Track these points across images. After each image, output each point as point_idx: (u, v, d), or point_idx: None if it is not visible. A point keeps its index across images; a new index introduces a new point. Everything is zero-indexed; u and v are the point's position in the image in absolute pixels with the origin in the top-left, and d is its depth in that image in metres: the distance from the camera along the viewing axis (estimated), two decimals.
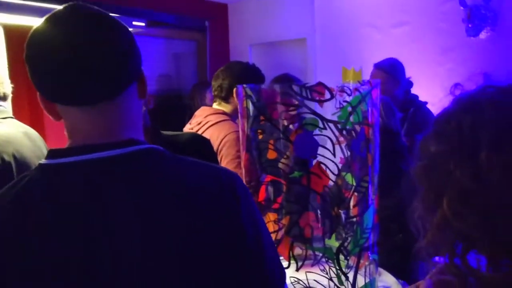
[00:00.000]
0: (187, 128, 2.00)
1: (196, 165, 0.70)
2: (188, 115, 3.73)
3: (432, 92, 2.51)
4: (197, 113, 2.01)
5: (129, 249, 0.60)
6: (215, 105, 1.99)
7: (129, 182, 0.63)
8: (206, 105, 3.84)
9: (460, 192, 0.57)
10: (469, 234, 0.58)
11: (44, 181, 0.62)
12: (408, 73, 2.42)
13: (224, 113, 1.92)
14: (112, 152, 0.63)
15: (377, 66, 2.33)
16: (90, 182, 0.62)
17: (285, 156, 1.18)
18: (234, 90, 1.88)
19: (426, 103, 2.28)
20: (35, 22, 0.65)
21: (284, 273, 0.75)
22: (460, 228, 0.58)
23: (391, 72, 2.26)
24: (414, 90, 2.44)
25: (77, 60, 0.61)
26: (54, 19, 0.63)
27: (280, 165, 1.22)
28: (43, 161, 0.64)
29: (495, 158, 0.54)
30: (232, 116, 1.92)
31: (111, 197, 0.61)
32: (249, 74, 1.91)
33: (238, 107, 1.32)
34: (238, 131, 1.80)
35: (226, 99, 1.93)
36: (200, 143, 1.40)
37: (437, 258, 0.67)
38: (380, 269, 1.37)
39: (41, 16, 0.66)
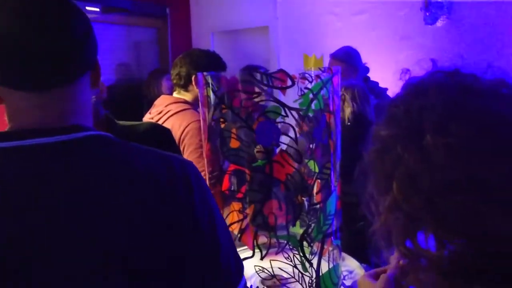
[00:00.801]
0: (146, 118, 1.94)
1: (147, 152, 0.67)
2: (146, 105, 3.65)
3: (391, 78, 2.57)
4: (156, 102, 1.95)
5: (70, 237, 0.58)
6: (175, 94, 1.94)
7: (73, 169, 0.60)
8: (163, 93, 3.78)
9: (408, 175, 0.58)
10: (417, 216, 0.59)
11: None
12: (368, 60, 2.45)
13: (185, 102, 1.88)
14: (58, 137, 0.61)
15: (333, 56, 2.34)
16: (33, 167, 0.59)
17: (247, 145, 1.17)
18: (193, 78, 1.84)
19: (386, 89, 2.32)
20: None
21: (242, 266, 0.73)
22: (409, 210, 0.59)
23: (348, 60, 2.28)
24: (373, 77, 2.48)
25: (28, 44, 0.58)
26: (4, 2, 0.60)
27: (243, 154, 1.20)
28: None
29: (439, 141, 0.55)
30: (193, 105, 1.87)
31: (54, 184, 0.59)
32: (208, 61, 1.87)
33: (199, 95, 1.29)
34: (200, 120, 1.77)
35: (185, 87, 1.89)
36: (159, 133, 1.35)
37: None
38: (344, 254, 1.39)
39: None
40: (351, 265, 1.39)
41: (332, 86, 1.14)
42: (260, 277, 1.19)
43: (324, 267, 1.17)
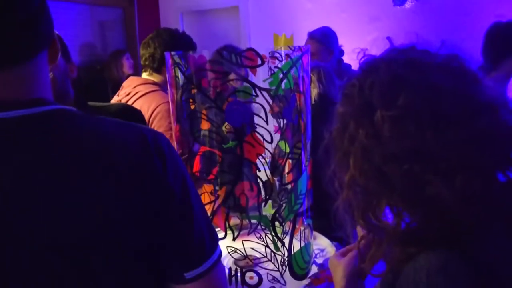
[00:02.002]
0: (114, 100, 1.88)
1: (117, 124, 0.65)
2: (112, 87, 3.55)
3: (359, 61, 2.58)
4: (125, 83, 1.89)
5: (37, 216, 0.56)
6: (144, 75, 1.88)
7: (37, 144, 0.58)
8: (125, 73, 3.68)
9: (362, 150, 0.63)
10: (372, 189, 0.64)
11: None
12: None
13: (154, 83, 1.83)
14: (18, 112, 0.58)
15: (310, 35, 2.33)
16: None
17: (215, 125, 1.15)
18: None
19: None
20: None
21: (216, 236, 0.73)
22: (365, 183, 0.64)
23: (324, 41, 2.27)
24: (344, 59, 2.49)
25: None
26: None
27: (213, 135, 1.19)
28: None
29: (386, 113, 0.59)
30: (162, 87, 1.83)
31: (17, 161, 0.56)
32: (181, 42, 1.82)
33: (167, 76, 1.25)
34: (169, 101, 1.73)
35: (158, 69, 1.83)
36: (131, 115, 1.31)
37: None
38: (315, 233, 1.41)
39: None
40: (322, 244, 1.41)
41: (302, 65, 1.14)
42: (233, 257, 1.19)
43: (296, 246, 1.18)
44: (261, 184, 1.16)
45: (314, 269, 1.26)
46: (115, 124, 0.65)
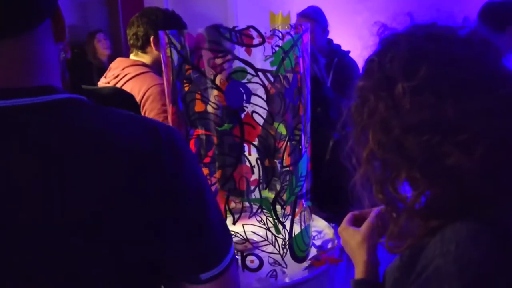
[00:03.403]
0: (102, 83, 1.82)
1: (128, 117, 0.60)
2: (96, 70, 3.44)
3: (349, 41, 2.56)
4: (112, 65, 1.83)
5: (41, 211, 0.52)
6: (132, 56, 1.82)
7: (44, 137, 0.52)
8: (102, 55, 3.57)
9: (381, 123, 0.63)
10: (391, 162, 0.64)
11: None
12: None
13: (143, 64, 1.77)
14: (23, 100, 0.52)
15: (302, 14, 2.29)
16: None
17: (215, 107, 1.11)
18: (152, 38, 1.73)
19: (349, 52, 2.31)
20: None
21: (230, 235, 0.70)
22: (383, 156, 0.64)
23: (317, 18, 2.23)
24: (333, 39, 2.46)
25: None
26: None
27: (210, 116, 1.15)
28: None
29: (406, 86, 0.60)
30: (152, 68, 1.77)
31: (22, 154, 0.51)
32: (167, 20, 1.76)
33: (161, 56, 1.21)
34: (161, 83, 1.68)
35: (143, 48, 1.77)
36: (123, 98, 1.26)
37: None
38: (312, 215, 1.40)
39: None
40: (319, 226, 1.41)
41: (302, 44, 1.10)
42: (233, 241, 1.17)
43: (296, 229, 1.17)
44: (261, 167, 1.14)
45: (313, 251, 1.25)
46: (125, 119, 0.60)
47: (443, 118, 0.57)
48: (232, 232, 1.14)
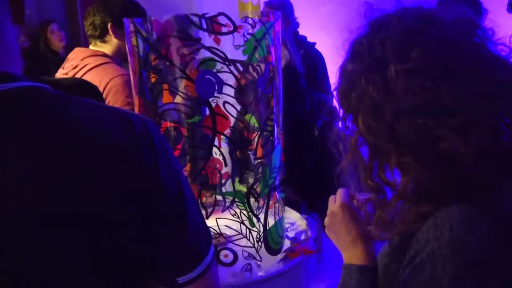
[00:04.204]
0: (59, 74, 1.72)
1: (100, 108, 0.55)
2: (52, 62, 3.26)
3: (314, 32, 2.56)
4: (70, 55, 1.73)
5: (12, 203, 0.47)
6: (91, 47, 1.74)
7: (4, 128, 0.47)
8: (54, 47, 3.40)
9: (372, 107, 0.61)
10: (381, 147, 0.62)
11: None
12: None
13: (104, 54, 1.68)
14: None
15: (267, 4, 2.28)
16: None
17: (185, 97, 1.07)
18: (109, 26, 1.65)
19: (314, 43, 2.31)
20: None
21: (210, 236, 0.66)
22: (374, 142, 0.63)
23: (282, 10, 2.22)
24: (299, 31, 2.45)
25: None
26: None
27: (179, 108, 1.11)
28: None
29: (399, 68, 0.58)
30: (113, 59, 1.69)
31: None
32: (125, 7, 1.68)
33: (125, 45, 1.14)
34: (124, 74, 1.61)
35: (101, 37, 1.69)
36: (86, 90, 1.18)
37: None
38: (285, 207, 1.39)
39: None
40: (292, 217, 1.40)
41: (274, 33, 1.08)
42: None
43: (269, 221, 1.15)
44: (233, 160, 1.11)
45: (286, 243, 1.24)
46: (96, 108, 0.55)
47: (437, 101, 0.56)
48: None
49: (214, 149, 1.09)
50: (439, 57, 0.57)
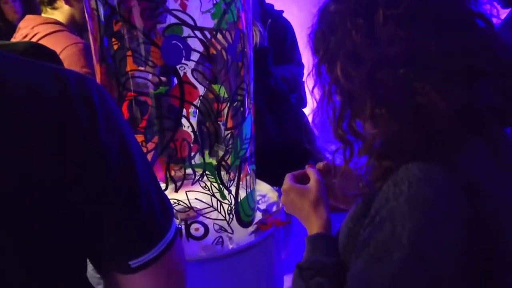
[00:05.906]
0: None
1: (29, 64, 0.49)
2: (5, 34, 3.03)
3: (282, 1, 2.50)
4: (21, 24, 1.62)
5: None
6: (43, 15, 1.61)
7: None
8: (9, 18, 3.16)
9: (353, 53, 0.59)
10: (357, 96, 0.60)
11: None
12: None
13: (56, 22, 1.57)
14: None
15: None
16: None
17: (150, 64, 1.01)
18: None
19: (282, 11, 2.25)
20: None
21: (170, 208, 0.58)
22: (350, 90, 0.60)
23: None
24: None
25: None
26: None
27: (144, 76, 1.05)
28: None
29: (389, 13, 0.56)
30: (67, 27, 1.58)
31: None
32: None
33: (80, 11, 1.06)
34: (78, 43, 1.51)
35: (50, 4, 1.57)
36: (44, 55, 1.08)
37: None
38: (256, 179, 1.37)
39: None
40: (263, 190, 1.38)
41: None
42: (175, 210, 1.10)
43: (240, 194, 1.13)
44: (203, 130, 1.06)
45: (258, 216, 1.23)
46: (25, 65, 0.49)
47: (423, 53, 0.54)
48: (175, 201, 1.08)
49: (183, 121, 1.04)
50: (430, 7, 0.55)
